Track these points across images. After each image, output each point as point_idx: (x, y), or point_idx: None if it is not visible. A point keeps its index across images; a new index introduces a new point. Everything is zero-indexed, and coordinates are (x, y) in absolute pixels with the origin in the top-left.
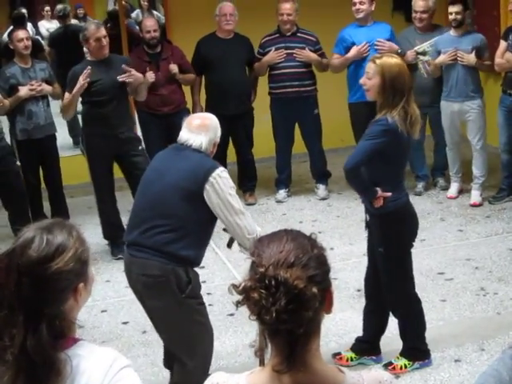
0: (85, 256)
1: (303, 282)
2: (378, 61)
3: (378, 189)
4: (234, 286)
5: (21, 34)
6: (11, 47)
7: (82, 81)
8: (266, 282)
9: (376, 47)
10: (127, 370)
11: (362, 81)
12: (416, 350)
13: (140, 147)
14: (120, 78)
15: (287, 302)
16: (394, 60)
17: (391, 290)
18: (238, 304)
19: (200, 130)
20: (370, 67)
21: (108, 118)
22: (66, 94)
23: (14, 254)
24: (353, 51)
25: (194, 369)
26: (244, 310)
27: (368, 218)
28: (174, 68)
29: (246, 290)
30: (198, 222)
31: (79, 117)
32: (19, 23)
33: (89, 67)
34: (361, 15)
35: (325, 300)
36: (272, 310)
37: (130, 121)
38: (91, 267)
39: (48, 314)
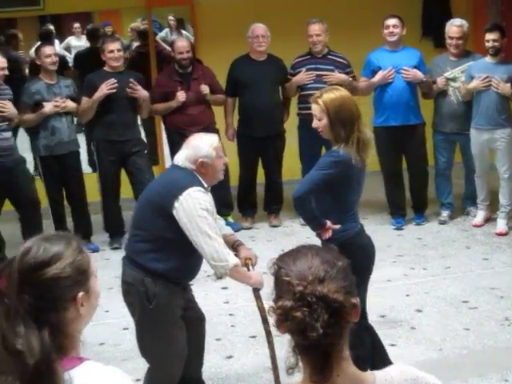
0: (84, 265)
1: (341, 294)
2: (319, 100)
3: (327, 221)
4: (273, 309)
5: (48, 49)
6: (38, 63)
7: (105, 89)
8: (308, 299)
9: (401, 75)
10: None
11: (314, 124)
12: None
13: (145, 151)
14: (129, 93)
15: (329, 316)
16: (335, 93)
17: None
18: (277, 327)
19: (183, 146)
20: (315, 109)
21: (113, 124)
22: (84, 99)
23: (14, 263)
24: (378, 76)
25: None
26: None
27: None
28: (205, 89)
29: (287, 310)
30: (169, 238)
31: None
32: (46, 39)
33: (113, 79)
34: (394, 39)
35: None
36: (317, 327)
37: (137, 130)
38: (96, 280)
39: (49, 321)
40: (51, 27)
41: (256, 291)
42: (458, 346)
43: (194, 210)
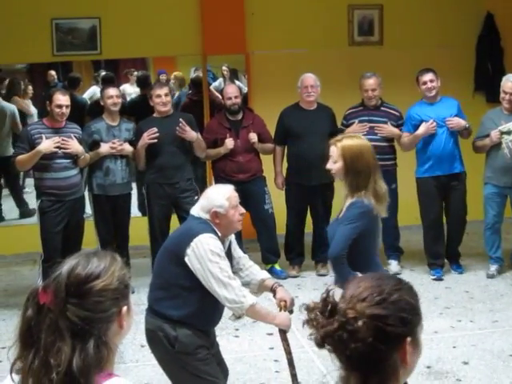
0: (127, 280)
1: (355, 313)
2: (338, 144)
3: (358, 273)
4: (305, 305)
5: (111, 91)
6: (102, 103)
7: (146, 139)
8: (324, 305)
9: (446, 125)
10: None
11: (328, 165)
12: None
13: (196, 197)
14: (178, 132)
15: (337, 328)
16: (354, 141)
17: None
18: (303, 323)
19: (200, 197)
20: (333, 151)
21: (163, 168)
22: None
23: (60, 278)
24: (421, 128)
25: None
26: (311, 380)
27: None
28: (253, 137)
29: (308, 309)
30: (184, 286)
31: None
32: (109, 83)
33: (154, 129)
34: (433, 93)
35: (398, 348)
36: (321, 332)
37: (188, 173)
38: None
39: (95, 334)
40: (103, 72)
41: (282, 333)
42: None
43: (205, 255)
